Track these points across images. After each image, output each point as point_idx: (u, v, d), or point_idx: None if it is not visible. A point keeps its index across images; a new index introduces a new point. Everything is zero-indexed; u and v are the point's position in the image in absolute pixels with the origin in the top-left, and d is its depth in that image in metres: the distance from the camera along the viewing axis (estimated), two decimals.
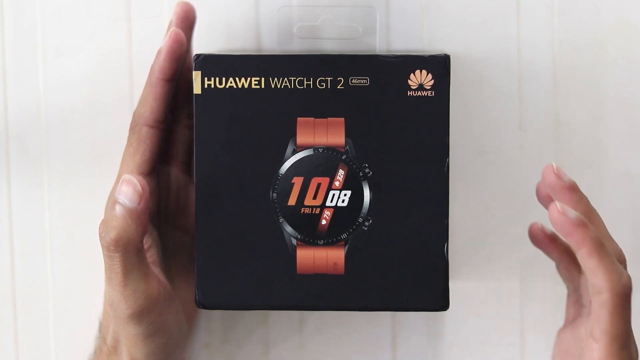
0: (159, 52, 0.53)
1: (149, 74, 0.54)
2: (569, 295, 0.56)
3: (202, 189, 0.54)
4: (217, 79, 0.53)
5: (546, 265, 0.60)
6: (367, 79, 0.53)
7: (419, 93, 0.53)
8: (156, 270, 0.53)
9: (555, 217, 0.49)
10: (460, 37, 0.59)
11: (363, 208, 0.53)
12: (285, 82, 0.53)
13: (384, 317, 0.61)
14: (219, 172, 0.54)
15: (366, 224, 0.54)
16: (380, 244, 0.54)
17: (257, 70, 0.53)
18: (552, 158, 0.59)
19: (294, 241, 0.54)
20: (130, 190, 0.49)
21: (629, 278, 0.49)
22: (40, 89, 0.61)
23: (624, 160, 0.60)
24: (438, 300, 0.54)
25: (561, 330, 0.56)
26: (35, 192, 0.61)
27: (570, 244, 0.49)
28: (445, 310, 0.54)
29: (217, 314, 0.61)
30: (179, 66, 0.54)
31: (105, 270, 0.49)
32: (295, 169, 0.53)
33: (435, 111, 0.53)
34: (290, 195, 0.53)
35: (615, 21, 0.59)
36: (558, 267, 0.56)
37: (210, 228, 0.54)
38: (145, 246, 0.53)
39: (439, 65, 0.53)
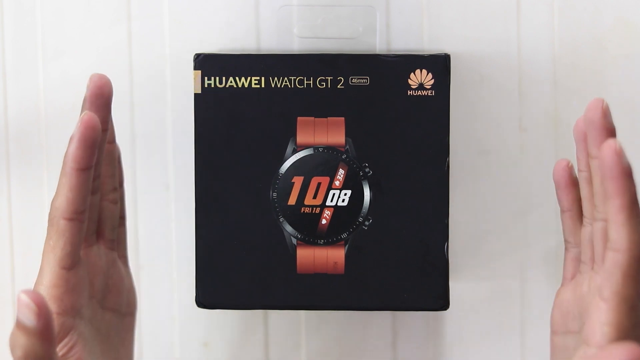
0: (71, 139, 0.49)
1: (63, 162, 0.49)
2: (567, 251, 0.55)
3: (202, 189, 0.54)
4: (217, 78, 0.53)
5: (546, 265, 0.60)
6: (367, 79, 0.53)
7: (419, 92, 0.53)
8: None
9: (608, 155, 0.46)
10: (460, 36, 0.59)
11: (363, 207, 0.53)
12: (286, 82, 0.53)
13: (384, 317, 0.61)
14: (219, 172, 0.54)
15: (366, 223, 0.54)
16: (380, 244, 0.54)
17: (257, 69, 0.53)
18: (552, 158, 0.59)
19: (294, 241, 0.54)
20: (25, 309, 0.45)
21: None
22: (40, 88, 0.61)
23: None
24: (438, 300, 0.54)
25: (561, 290, 0.55)
26: (35, 192, 0.61)
27: (608, 189, 0.46)
28: (445, 310, 0.54)
29: (217, 313, 0.61)
30: (95, 152, 0.49)
31: None
32: (295, 168, 0.53)
33: (435, 111, 0.53)
34: (290, 195, 0.53)
35: (615, 21, 0.59)
36: (564, 215, 0.55)
37: (210, 228, 0.54)
38: (70, 344, 0.51)
39: (439, 65, 0.53)
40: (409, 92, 0.53)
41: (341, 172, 0.53)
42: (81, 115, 0.49)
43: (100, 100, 0.51)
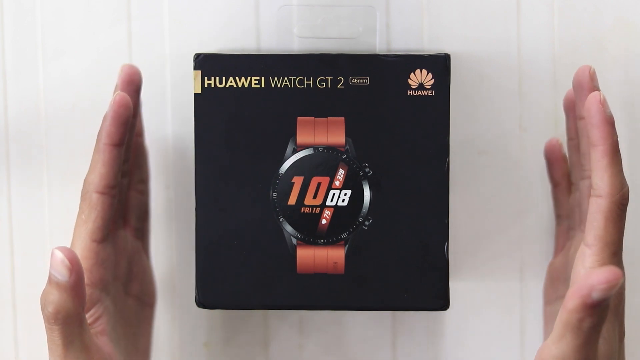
0: (104, 117, 0.52)
1: (97, 139, 0.53)
2: (558, 225, 0.58)
3: (202, 189, 0.54)
4: (217, 78, 0.53)
5: (546, 265, 0.60)
6: (367, 78, 0.53)
7: (419, 92, 0.53)
8: (103, 340, 0.52)
9: (592, 104, 0.49)
10: (460, 36, 0.59)
11: (363, 207, 0.53)
12: (286, 82, 0.53)
13: (384, 317, 0.61)
14: (219, 172, 0.54)
15: (366, 223, 0.53)
16: (380, 244, 0.54)
17: (257, 69, 0.53)
18: None
19: (294, 241, 0.54)
20: (58, 264, 0.47)
21: (628, 191, 0.49)
22: (40, 88, 0.61)
23: (624, 160, 0.59)
24: (438, 300, 0.54)
25: (551, 261, 0.58)
26: (35, 192, 0.61)
27: (592, 137, 0.49)
28: (445, 310, 0.54)
29: (217, 313, 0.61)
30: (126, 130, 0.53)
31: (47, 341, 0.49)
32: (295, 168, 0.53)
33: (435, 111, 0.53)
34: (290, 195, 0.53)
35: (615, 21, 0.59)
36: (555, 190, 0.58)
37: (210, 228, 0.54)
38: (95, 315, 0.52)
39: (439, 65, 0.53)
40: (409, 92, 0.53)
41: (341, 172, 0.53)
42: (113, 95, 0.52)
43: (131, 86, 0.54)
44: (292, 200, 0.53)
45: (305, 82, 0.53)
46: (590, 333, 0.46)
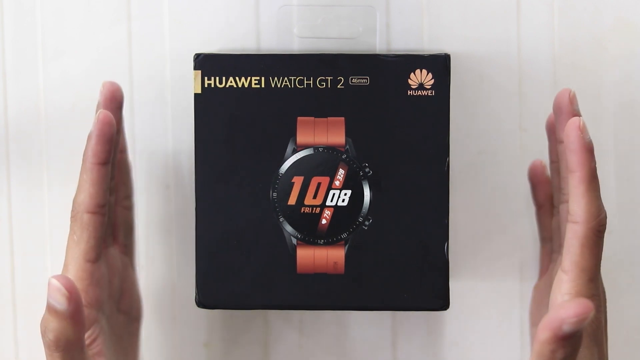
0: (89, 137, 0.52)
1: (83, 159, 0.53)
2: (542, 247, 0.58)
3: (202, 189, 0.54)
4: (217, 78, 0.53)
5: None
6: (367, 78, 0.53)
7: (419, 92, 0.53)
8: None
9: (571, 130, 0.49)
10: (460, 36, 0.59)
11: (363, 207, 0.53)
12: (286, 82, 0.53)
13: (384, 317, 0.61)
14: (219, 172, 0.54)
15: (366, 223, 0.54)
16: (380, 244, 0.54)
17: (257, 69, 0.53)
18: None
19: (294, 241, 0.54)
20: (56, 293, 0.47)
21: (606, 217, 0.49)
22: (40, 88, 0.61)
23: (624, 160, 0.60)
24: (438, 300, 0.54)
25: (536, 284, 0.58)
26: (35, 192, 0.61)
27: (570, 163, 0.49)
28: (445, 310, 0.54)
29: (217, 313, 0.61)
30: (112, 148, 0.53)
31: None
32: (295, 168, 0.53)
33: (435, 111, 0.53)
34: (290, 195, 0.53)
35: (615, 21, 0.59)
36: (538, 213, 0.58)
37: (210, 228, 0.54)
38: (93, 336, 0.52)
39: (439, 65, 0.53)
40: (409, 92, 0.53)
41: (341, 172, 0.53)
42: (97, 114, 0.52)
43: (113, 103, 0.54)
44: (292, 200, 0.53)
45: (305, 82, 0.53)
46: None
